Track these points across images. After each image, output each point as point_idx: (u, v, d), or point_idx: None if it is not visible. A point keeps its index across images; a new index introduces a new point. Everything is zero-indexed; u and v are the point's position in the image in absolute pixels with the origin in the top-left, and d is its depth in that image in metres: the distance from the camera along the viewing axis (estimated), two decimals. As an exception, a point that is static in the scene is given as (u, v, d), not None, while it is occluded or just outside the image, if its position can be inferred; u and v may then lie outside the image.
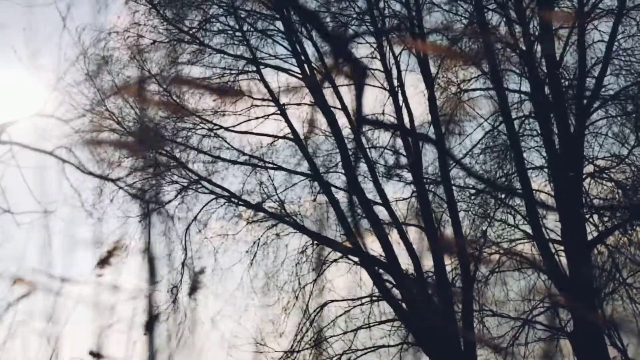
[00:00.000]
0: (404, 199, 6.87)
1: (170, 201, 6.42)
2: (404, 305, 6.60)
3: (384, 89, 6.66)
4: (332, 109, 6.64)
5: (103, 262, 1.55)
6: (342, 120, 6.69)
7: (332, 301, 6.81)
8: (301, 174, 6.94)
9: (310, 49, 6.63)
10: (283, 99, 6.82)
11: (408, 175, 6.79)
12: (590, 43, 6.76)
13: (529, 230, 6.72)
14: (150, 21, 6.48)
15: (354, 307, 6.80)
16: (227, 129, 6.84)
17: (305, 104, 6.82)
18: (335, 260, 6.83)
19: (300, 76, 6.78)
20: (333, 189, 6.79)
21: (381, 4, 6.83)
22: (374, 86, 6.50)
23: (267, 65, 6.96)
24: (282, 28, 6.87)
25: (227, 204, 6.85)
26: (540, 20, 6.56)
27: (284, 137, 6.92)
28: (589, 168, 6.87)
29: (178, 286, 6.44)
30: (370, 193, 6.77)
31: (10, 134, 4.30)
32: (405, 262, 6.58)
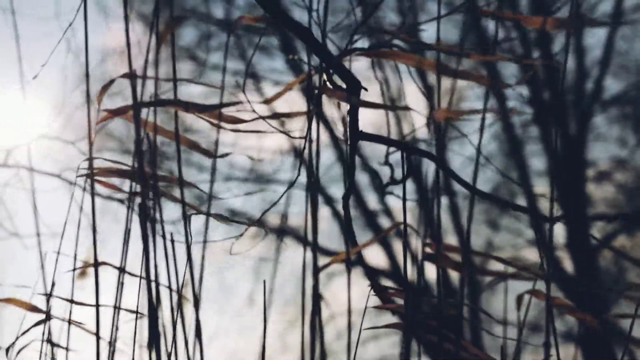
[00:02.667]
0: (406, 209, 6.86)
1: (170, 220, 6.42)
2: (410, 316, 6.58)
3: (381, 107, 6.67)
4: (331, 121, 6.66)
5: (81, 274, 1.56)
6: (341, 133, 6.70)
7: (337, 314, 6.79)
8: (302, 186, 6.94)
9: (306, 64, 6.67)
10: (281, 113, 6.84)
11: (409, 187, 6.79)
12: (588, 47, 6.78)
13: (534, 237, 6.71)
14: (145, 41, 6.51)
15: (360, 319, 6.79)
16: (226, 145, 6.87)
17: (304, 115, 6.83)
18: (339, 273, 6.83)
19: (298, 90, 6.80)
20: (335, 201, 6.80)
21: (377, 16, 6.87)
22: (370, 103, 6.51)
23: (265, 80, 7.01)
24: (278, 43, 6.93)
25: (228, 220, 6.86)
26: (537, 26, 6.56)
27: (284, 152, 6.95)
28: (591, 172, 6.88)
29: (181, 304, 6.43)
30: (373, 204, 6.78)
31: (16, 158, 4.31)
32: (409, 272, 6.56)
